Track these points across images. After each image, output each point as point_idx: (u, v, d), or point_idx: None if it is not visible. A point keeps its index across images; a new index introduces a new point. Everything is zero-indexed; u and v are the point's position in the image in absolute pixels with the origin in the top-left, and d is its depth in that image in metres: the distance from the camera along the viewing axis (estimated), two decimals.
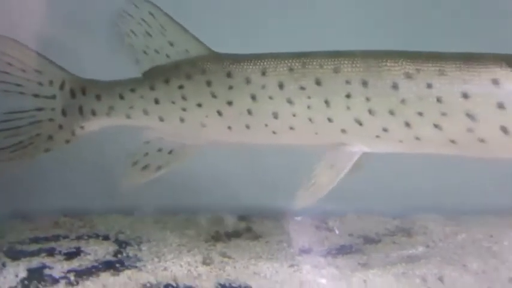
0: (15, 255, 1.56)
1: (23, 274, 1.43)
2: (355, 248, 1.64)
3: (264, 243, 1.65)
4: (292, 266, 1.46)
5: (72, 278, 1.40)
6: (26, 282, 1.39)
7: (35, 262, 1.50)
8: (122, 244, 1.63)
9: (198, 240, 1.66)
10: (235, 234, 1.73)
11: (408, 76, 1.18)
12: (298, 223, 1.81)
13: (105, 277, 1.40)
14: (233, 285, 1.38)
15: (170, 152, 1.41)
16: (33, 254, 1.57)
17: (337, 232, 1.79)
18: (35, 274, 1.43)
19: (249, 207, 1.88)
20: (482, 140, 1.15)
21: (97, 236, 1.69)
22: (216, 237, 1.69)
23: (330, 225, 1.80)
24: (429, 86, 1.16)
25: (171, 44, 1.41)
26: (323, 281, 1.41)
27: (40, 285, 1.37)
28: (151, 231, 1.72)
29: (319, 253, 1.58)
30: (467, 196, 1.75)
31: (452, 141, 1.17)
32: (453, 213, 1.77)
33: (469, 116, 1.14)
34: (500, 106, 1.11)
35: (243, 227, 1.79)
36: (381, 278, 1.39)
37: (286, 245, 1.63)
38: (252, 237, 1.72)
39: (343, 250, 1.61)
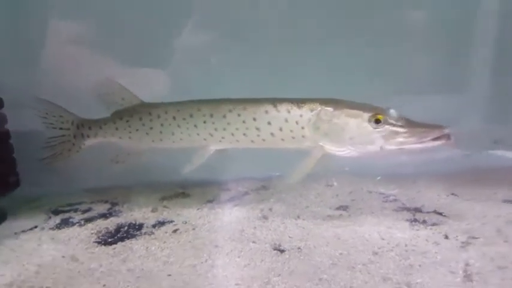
0: (56, 212, 1.78)
1: (58, 221, 1.69)
2: (237, 198, 1.85)
3: (190, 200, 1.87)
4: (198, 209, 1.73)
5: (82, 222, 1.66)
6: (58, 224, 1.65)
7: (66, 215, 1.74)
8: (113, 204, 1.83)
9: (154, 200, 1.85)
10: (174, 196, 1.91)
11: (230, 111, 1.50)
12: (213, 187, 1.97)
13: (99, 221, 1.66)
14: (165, 220, 1.64)
15: (128, 154, 1.69)
16: (65, 211, 1.79)
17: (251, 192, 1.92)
18: (64, 221, 1.68)
19: (186, 181, 1.99)
20: (264, 140, 1.49)
21: (101, 201, 1.87)
22: (163, 198, 1.88)
23: (228, 186, 1.97)
24: (239, 115, 1.49)
25: (123, 99, 1.66)
26: (209, 214, 1.68)
27: (65, 226, 1.63)
28: (131, 197, 1.90)
29: (216, 202, 1.81)
30: None
31: (252, 141, 1.51)
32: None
33: (257, 128, 1.48)
34: (269, 123, 1.46)
35: (180, 192, 1.95)
36: (238, 211, 1.69)
37: (201, 199, 1.84)
38: (183, 196, 1.91)
39: (225, 200, 1.82)
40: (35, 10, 1.93)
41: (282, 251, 1.38)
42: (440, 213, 1.62)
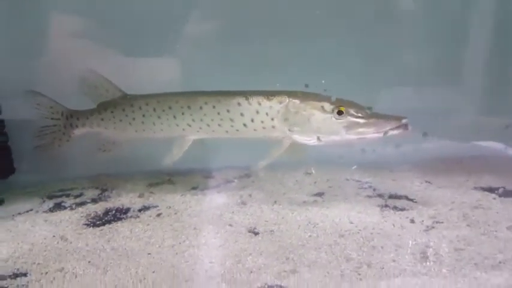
0: (50, 197, 1.95)
1: (51, 205, 1.85)
2: (222, 185, 2.00)
3: (175, 186, 2.01)
4: (182, 195, 1.88)
5: (73, 206, 1.82)
6: (51, 208, 1.82)
7: (59, 200, 1.90)
8: (103, 190, 1.98)
9: (141, 186, 2.01)
10: (161, 183, 2.06)
11: (206, 103, 1.64)
12: (198, 175, 2.11)
13: (89, 205, 1.82)
14: (150, 205, 1.79)
15: (113, 143, 1.84)
16: (58, 196, 1.95)
17: (234, 180, 2.08)
18: (57, 205, 1.85)
19: (173, 169, 2.07)
20: (237, 130, 1.63)
21: (92, 187, 2.03)
22: (150, 185, 2.03)
23: (213, 175, 2.11)
24: (214, 107, 1.62)
25: (107, 91, 1.80)
26: (192, 200, 1.82)
27: (57, 210, 1.79)
28: (120, 184, 2.05)
29: (199, 189, 1.96)
30: None
31: (227, 132, 1.64)
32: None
33: (231, 119, 1.61)
34: (242, 114, 1.59)
35: (167, 179, 2.10)
36: (219, 197, 1.84)
37: (186, 186, 1.99)
38: (169, 183, 2.06)
39: (210, 187, 1.96)
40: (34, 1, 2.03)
41: (256, 234, 1.54)
42: (411, 200, 1.76)
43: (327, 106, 1.52)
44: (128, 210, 1.78)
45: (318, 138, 1.53)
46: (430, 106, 2.17)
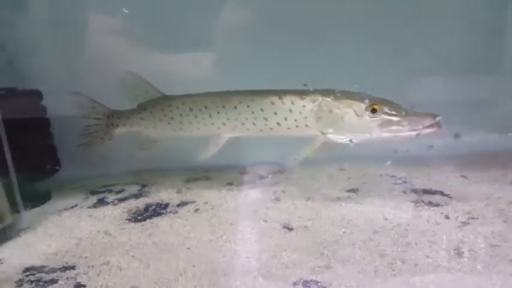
0: (94, 193, 2.07)
1: (95, 200, 1.97)
2: (257, 181, 2.07)
3: (210, 182, 2.11)
4: (218, 191, 1.96)
5: (115, 202, 1.92)
6: (95, 204, 1.93)
7: (101, 195, 2.02)
8: (143, 186, 2.09)
9: (179, 182, 2.11)
10: (198, 179, 2.15)
11: (240, 102, 1.69)
12: (233, 171, 2.19)
13: (130, 201, 1.92)
14: (188, 201, 1.87)
15: (153, 142, 1.92)
16: (101, 192, 2.07)
17: (268, 175, 2.15)
18: (100, 201, 1.96)
19: (209, 165, 2.16)
20: (271, 129, 1.67)
21: (132, 183, 2.13)
22: (188, 180, 2.12)
23: (247, 171, 2.18)
24: (248, 106, 1.67)
25: (146, 92, 1.88)
26: (227, 195, 1.89)
27: (100, 205, 1.90)
28: (159, 180, 2.15)
29: (234, 184, 2.03)
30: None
31: (261, 130, 1.69)
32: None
33: (265, 118, 1.65)
34: (275, 113, 1.63)
35: (203, 175, 2.19)
36: (254, 193, 1.90)
37: (221, 182, 2.07)
38: (205, 179, 2.14)
39: (244, 183, 2.03)
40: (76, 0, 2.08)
41: (290, 229, 1.59)
42: (446, 195, 1.77)
43: (361, 104, 1.55)
44: (167, 205, 1.87)
45: (352, 139, 1.56)
46: (465, 98, 2.14)
